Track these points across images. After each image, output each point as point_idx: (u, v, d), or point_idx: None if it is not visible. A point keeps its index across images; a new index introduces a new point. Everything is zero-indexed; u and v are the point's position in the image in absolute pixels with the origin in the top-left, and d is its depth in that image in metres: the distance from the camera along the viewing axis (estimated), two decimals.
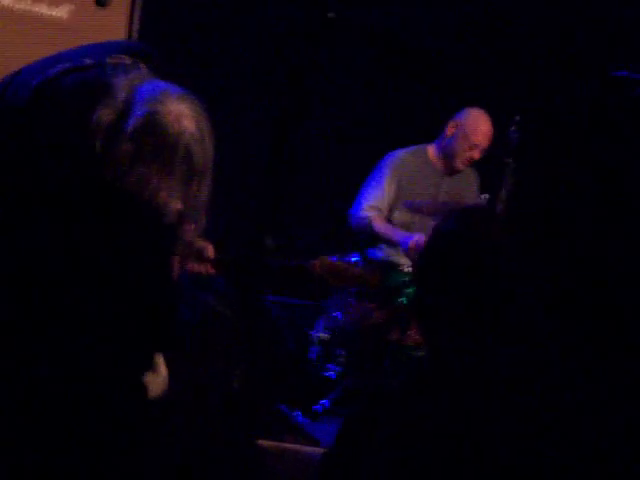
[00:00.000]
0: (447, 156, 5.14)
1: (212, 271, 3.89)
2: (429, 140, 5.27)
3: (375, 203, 5.08)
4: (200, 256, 3.65)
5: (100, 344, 1.67)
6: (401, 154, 5.19)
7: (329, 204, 5.98)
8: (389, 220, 5.11)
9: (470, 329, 1.78)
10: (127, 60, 1.77)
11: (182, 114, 1.78)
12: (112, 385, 1.70)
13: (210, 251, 3.84)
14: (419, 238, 4.78)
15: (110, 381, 1.69)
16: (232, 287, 5.00)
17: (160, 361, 2.27)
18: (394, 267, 4.90)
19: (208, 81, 5.37)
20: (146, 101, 1.75)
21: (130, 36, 4.63)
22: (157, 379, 2.25)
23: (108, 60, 1.75)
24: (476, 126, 5.04)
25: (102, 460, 1.67)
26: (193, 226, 1.83)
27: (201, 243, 3.63)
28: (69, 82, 1.71)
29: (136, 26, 4.67)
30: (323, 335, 5.04)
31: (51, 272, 1.62)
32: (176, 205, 1.76)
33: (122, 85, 1.72)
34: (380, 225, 5.05)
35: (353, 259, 5.01)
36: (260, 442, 4.18)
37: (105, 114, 1.73)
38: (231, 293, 4.71)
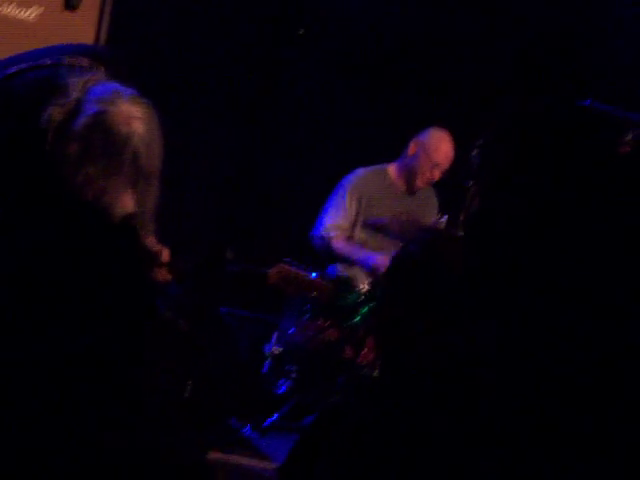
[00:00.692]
0: (408, 175, 5.16)
1: (167, 277, 3.85)
2: (390, 159, 5.29)
3: (336, 222, 5.09)
4: (154, 261, 3.61)
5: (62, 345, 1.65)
6: (361, 173, 5.20)
7: (292, 218, 5.98)
8: (350, 238, 5.11)
9: (424, 345, 1.79)
10: (85, 62, 1.75)
11: (132, 116, 1.75)
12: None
13: (165, 256, 3.81)
14: (382, 258, 4.79)
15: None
16: (189, 296, 4.97)
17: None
18: (350, 286, 4.90)
19: (175, 86, 5.35)
20: (97, 101, 1.73)
21: (98, 40, 4.61)
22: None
23: (65, 61, 1.73)
24: (437, 146, 5.08)
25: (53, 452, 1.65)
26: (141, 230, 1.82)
27: (156, 247, 3.59)
28: (24, 81, 1.69)
29: (104, 30, 4.65)
30: (276, 350, 5.03)
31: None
32: (123, 207, 1.73)
33: (75, 85, 1.70)
34: (341, 245, 5.07)
35: (311, 274, 5.00)
36: (208, 454, 4.16)
37: (56, 112, 1.71)
38: (187, 302, 4.69)
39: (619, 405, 1.22)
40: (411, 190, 5.20)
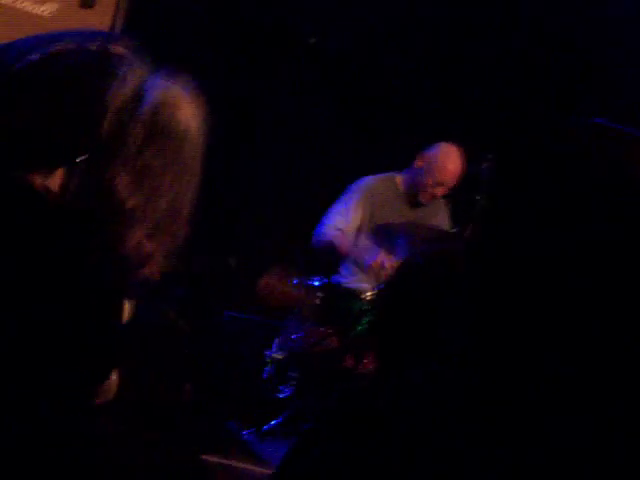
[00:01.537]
0: (412, 188, 5.11)
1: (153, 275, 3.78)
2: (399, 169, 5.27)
3: (340, 225, 5.05)
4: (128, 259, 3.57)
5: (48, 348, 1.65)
6: (371, 181, 5.17)
7: (294, 225, 5.97)
8: (355, 244, 5.09)
9: (419, 359, 1.79)
10: (127, 52, 1.76)
11: (190, 113, 1.79)
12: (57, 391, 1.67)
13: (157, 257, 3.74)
14: (383, 257, 4.77)
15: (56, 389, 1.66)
16: (191, 299, 4.97)
17: (112, 368, 2.23)
18: (355, 294, 4.88)
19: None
20: (156, 94, 1.76)
21: None
22: (107, 385, 2.22)
23: (112, 48, 1.74)
24: (443, 164, 4.98)
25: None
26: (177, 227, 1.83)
27: (145, 247, 3.55)
28: (74, 62, 1.69)
29: (119, 28, 4.66)
30: (278, 356, 5.02)
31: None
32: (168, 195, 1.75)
33: (131, 74, 1.71)
34: (341, 242, 5.02)
35: (316, 282, 4.99)
36: (207, 458, 4.15)
37: (117, 96, 1.73)
38: (189, 304, 4.69)
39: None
40: (414, 203, 5.14)
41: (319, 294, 4.95)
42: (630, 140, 1.28)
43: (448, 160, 4.98)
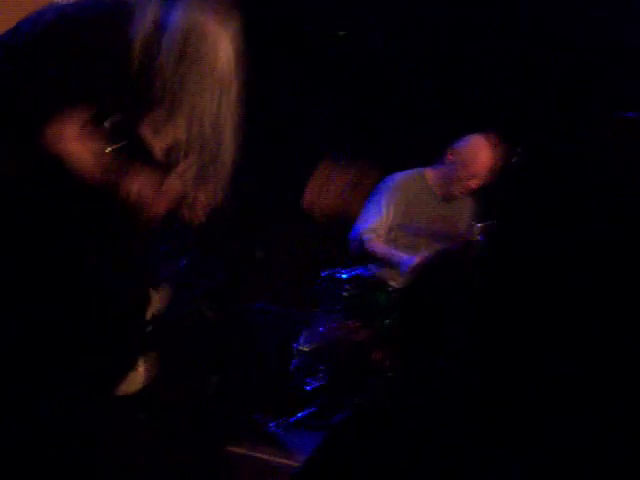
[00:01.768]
0: (445, 182, 5.09)
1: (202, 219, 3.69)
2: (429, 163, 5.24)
3: (373, 226, 5.05)
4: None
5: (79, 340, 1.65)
6: (400, 178, 5.16)
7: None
8: (386, 242, 5.07)
9: (428, 355, 1.81)
10: None
11: (220, 37, 1.77)
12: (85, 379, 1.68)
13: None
14: (418, 260, 4.75)
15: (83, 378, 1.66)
16: (220, 291, 4.98)
17: (139, 359, 2.24)
18: (382, 287, 4.87)
19: None
20: (182, 23, 1.74)
21: None
22: (135, 376, 2.23)
23: None
24: (475, 156, 4.96)
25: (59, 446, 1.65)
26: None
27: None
28: (93, 9, 1.70)
29: None
30: (305, 348, 5.02)
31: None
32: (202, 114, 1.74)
33: (151, 9, 1.71)
34: (377, 247, 5.02)
35: (343, 274, 5.00)
36: (233, 450, 4.16)
37: (140, 32, 1.72)
38: (216, 294, 4.69)
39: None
40: (447, 197, 5.13)
41: (347, 286, 4.95)
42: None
43: (480, 152, 4.96)
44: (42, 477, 1.71)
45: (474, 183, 4.99)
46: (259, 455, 4.35)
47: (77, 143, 2.64)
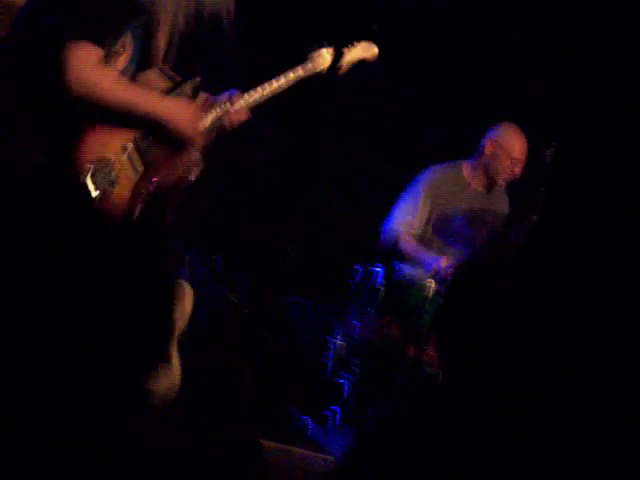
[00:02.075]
0: (488, 174, 5.11)
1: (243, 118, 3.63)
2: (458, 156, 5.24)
3: (407, 219, 5.05)
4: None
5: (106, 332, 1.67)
6: (436, 171, 5.15)
7: (353, 212, 5.97)
8: (420, 237, 5.07)
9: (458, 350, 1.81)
10: None
11: None
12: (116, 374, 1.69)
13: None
14: (443, 261, 4.76)
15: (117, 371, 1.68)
16: (253, 286, 4.99)
17: (174, 353, 2.27)
18: (417, 285, 4.86)
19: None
20: None
21: None
22: (170, 371, 2.24)
23: None
24: (514, 141, 5.04)
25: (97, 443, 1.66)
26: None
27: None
28: None
29: None
30: (339, 342, 5.03)
31: None
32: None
33: None
34: (407, 243, 5.02)
35: (377, 269, 5.00)
36: (266, 443, 4.18)
37: None
38: (250, 290, 4.71)
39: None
40: (490, 188, 5.14)
41: (381, 282, 4.96)
42: None
43: (517, 136, 5.07)
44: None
45: (518, 168, 5.03)
46: (292, 448, 4.36)
47: (98, 72, 2.80)
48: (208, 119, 3.25)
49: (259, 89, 3.45)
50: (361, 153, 6.22)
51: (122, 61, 2.97)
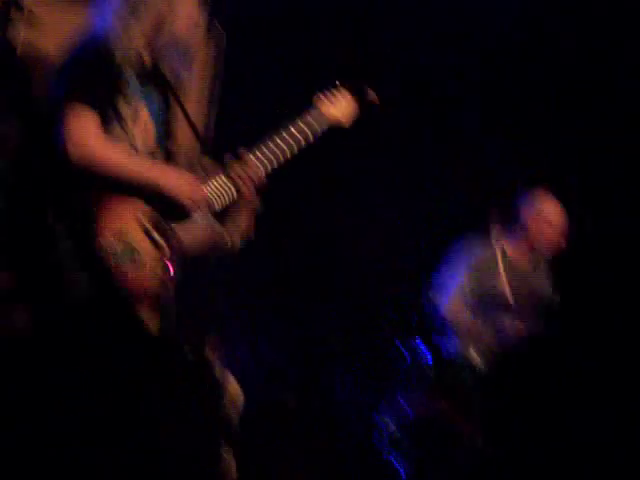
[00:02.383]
0: (534, 249, 4.99)
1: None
2: None
3: (453, 305, 4.95)
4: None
5: None
6: (478, 250, 5.02)
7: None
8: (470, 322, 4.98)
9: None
10: None
11: None
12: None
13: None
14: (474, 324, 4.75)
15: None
16: (295, 368, 4.98)
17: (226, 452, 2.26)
18: (468, 365, 4.79)
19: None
20: None
21: None
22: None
23: None
24: (556, 215, 4.95)
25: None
26: None
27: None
28: None
29: None
30: (387, 421, 4.98)
31: None
32: None
33: None
34: (460, 321, 4.92)
35: (420, 344, 4.95)
36: None
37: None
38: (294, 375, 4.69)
39: None
40: (536, 264, 5.04)
41: (429, 365, 4.90)
42: None
43: (556, 210, 4.95)
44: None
45: (564, 241, 4.91)
46: None
47: (94, 142, 2.81)
48: (213, 183, 3.19)
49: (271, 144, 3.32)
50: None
51: (140, 132, 2.97)
